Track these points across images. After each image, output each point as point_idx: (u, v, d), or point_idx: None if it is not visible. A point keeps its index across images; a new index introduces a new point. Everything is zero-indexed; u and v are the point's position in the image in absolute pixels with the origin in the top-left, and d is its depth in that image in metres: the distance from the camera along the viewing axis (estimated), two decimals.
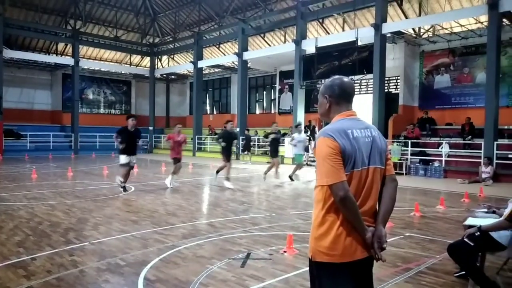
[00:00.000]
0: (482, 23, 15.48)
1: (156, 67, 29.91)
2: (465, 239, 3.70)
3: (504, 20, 14.38)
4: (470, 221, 4.18)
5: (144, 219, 6.88)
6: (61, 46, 27.79)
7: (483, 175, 12.76)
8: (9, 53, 23.13)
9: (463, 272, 3.97)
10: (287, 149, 18.90)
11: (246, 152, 20.93)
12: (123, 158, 9.57)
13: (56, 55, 27.66)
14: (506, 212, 3.69)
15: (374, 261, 2.13)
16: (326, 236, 2.01)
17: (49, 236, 5.66)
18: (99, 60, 29.88)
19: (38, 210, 7.46)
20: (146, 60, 30.79)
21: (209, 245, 5.30)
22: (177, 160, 11.01)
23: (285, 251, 4.96)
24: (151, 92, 29.27)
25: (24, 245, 5.22)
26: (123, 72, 30.52)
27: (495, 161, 13.18)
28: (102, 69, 29.31)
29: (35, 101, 27.40)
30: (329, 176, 1.95)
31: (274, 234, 5.92)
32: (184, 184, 11.80)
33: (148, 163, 20.18)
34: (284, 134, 21.23)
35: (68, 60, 26.07)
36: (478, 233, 3.68)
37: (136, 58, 31.38)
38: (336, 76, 2.26)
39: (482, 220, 4.05)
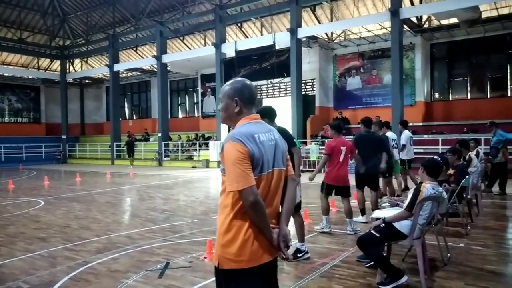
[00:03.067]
0: (386, 29, 16.76)
1: (67, 71, 28.02)
2: (372, 231, 3.94)
3: (405, 26, 15.72)
4: (376, 214, 4.46)
5: (54, 235, 6.35)
6: None
7: None
8: None
9: (373, 262, 4.21)
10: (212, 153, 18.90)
11: (129, 157, 22.05)
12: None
13: None
14: (406, 203, 3.99)
15: (284, 261, 2.16)
16: (233, 242, 1.99)
17: None
18: (1, 64, 27.20)
19: None
20: (56, 64, 28.68)
21: (125, 258, 5.04)
22: (345, 191, 6.11)
23: (205, 257, 4.88)
24: (62, 98, 27.30)
25: None
26: (30, 77, 28.09)
27: None
28: (6, 74, 26.66)
29: None
30: (240, 181, 1.91)
31: (195, 241, 5.81)
32: (100, 195, 11.14)
33: (62, 174, 18.81)
34: (209, 138, 21.18)
35: None
36: (383, 224, 3.95)
37: (44, 62, 29.08)
38: (240, 79, 2.19)
39: (386, 212, 4.34)
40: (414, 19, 16.19)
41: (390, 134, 9.13)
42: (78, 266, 4.73)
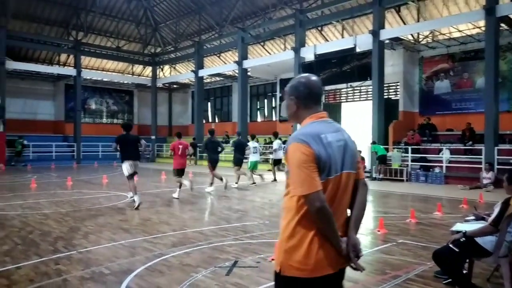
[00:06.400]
0: (480, 28, 15.43)
1: (158, 77, 30.09)
2: (450, 245, 3.63)
3: (502, 24, 14.31)
4: (457, 226, 4.11)
5: (136, 227, 6.84)
6: (63, 57, 28.01)
7: (484, 181, 12.61)
8: (12, 65, 23.35)
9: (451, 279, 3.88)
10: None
11: (192, 157, 23.92)
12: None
13: (59, 66, 27.86)
14: (492, 217, 3.62)
15: (358, 270, 2.00)
16: (298, 249, 1.87)
17: (37, 245, 5.63)
18: (101, 70, 30.10)
19: (31, 220, 7.44)
20: (148, 70, 30.99)
21: (197, 253, 5.25)
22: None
23: (272, 259, 4.87)
24: (153, 101, 29.42)
25: (11, 254, 5.19)
26: (125, 82, 30.74)
27: (496, 166, 13.04)
28: (105, 79, 29.52)
29: (38, 112, 27.54)
30: (304, 186, 1.80)
31: (265, 242, 5.85)
32: (181, 192, 11.71)
33: (149, 172, 20.17)
34: (285, 142, 21.18)
35: (71, 71, 26.29)
36: (463, 238, 3.62)
37: (138, 68, 31.60)
38: (303, 75, 2.10)
39: (468, 225, 3.98)
40: None
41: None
42: (154, 258, 5.03)
